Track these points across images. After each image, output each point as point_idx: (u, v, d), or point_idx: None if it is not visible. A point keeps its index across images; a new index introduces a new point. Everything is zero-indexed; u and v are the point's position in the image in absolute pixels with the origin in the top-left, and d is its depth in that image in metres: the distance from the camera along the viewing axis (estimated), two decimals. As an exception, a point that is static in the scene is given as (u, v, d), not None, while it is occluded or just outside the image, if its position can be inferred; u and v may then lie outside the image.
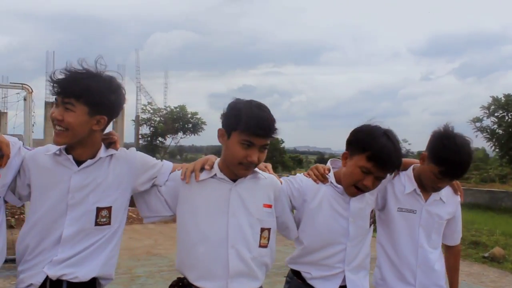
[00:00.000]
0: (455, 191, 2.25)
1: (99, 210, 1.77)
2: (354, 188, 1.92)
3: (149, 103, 40.62)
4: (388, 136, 1.87)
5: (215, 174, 1.82)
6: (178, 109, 40.86)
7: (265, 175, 1.90)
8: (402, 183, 2.16)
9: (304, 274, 2.01)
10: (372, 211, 2.07)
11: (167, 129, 39.01)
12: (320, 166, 2.09)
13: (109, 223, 1.79)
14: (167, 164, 1.95)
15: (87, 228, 1.75)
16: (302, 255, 2.02)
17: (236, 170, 1.79)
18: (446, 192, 2.20)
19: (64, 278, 1.72)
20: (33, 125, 6.07)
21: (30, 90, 5.75)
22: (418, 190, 2.13)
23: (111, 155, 1.81)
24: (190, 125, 40.21)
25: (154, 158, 1.95)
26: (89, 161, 1.77)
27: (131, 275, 5.50)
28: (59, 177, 1.76)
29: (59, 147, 1.76)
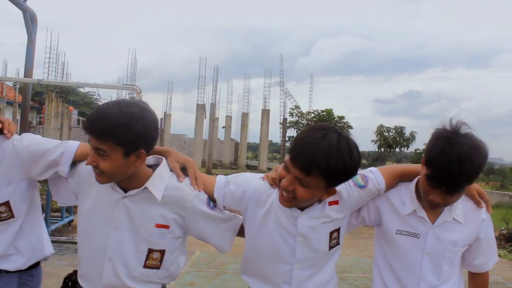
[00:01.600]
0: (478, 203, 1.71)
1: None
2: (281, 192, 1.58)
3: (296, 107, 39.63)
4: (324, 132, 1.48)
5: None
6: (324, 113, 43.10)
7: (170, 192, 1.63)
8: (402, 199, 1.72)
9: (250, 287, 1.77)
10: (336, 231, 1.69)
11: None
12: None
13: (12, 216, 1.76)
14: (69, 151, 1.72)
15: None
16: (247, 265, 1.78)
17: None
18: (465, 207, 1.70)
19: None
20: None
21: (139, 91, 6.37)
22: (421, 211, 1.68)
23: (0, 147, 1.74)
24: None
25: (51, 142, 1.76)
26: None
27: (220, 270, 5.53)
28: None
29: None
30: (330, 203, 1.68)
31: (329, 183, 1.54)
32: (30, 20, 6.69)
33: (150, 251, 1.66)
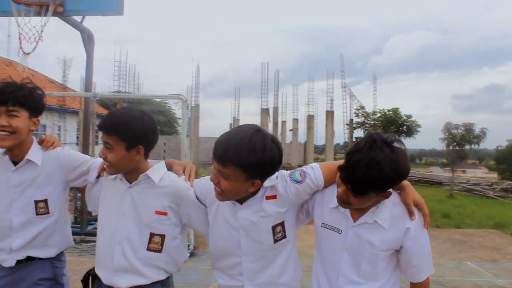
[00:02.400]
0: (409, 213, 1.68)
1: (36, 202, 2.09)
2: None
3: (362, 107, 38.18)
4: (241, 129, 1.64)
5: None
6: (391, 112, 41.80)
7: (167, 183, 1.91)
8: (333, 194, 1.73)
9: (216, 280, 1.93)
10: (280, 225, 1.77)
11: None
12: None
13: (48, 213, 2.11)
14: (97, 162, 2.08)
15: (31, 217, 2.09)
16: (212, 259, 1.94)
17: None
18: (393, 213, 1.69)
19: (32, 255, 2.11)
20: (188, 129, 7.51)
21: (184, 100, 6.70)
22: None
23: (47, 154, 2.12)
24: (405, 128, 38.20)
25: (86, 156, 2.17)
26: (21, 163, 2.08)
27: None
28: (2, 175, 2.09)
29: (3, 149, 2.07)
30: (268, 197, 1.77)
31: (249, 175, 1.64)
32: (87, 40, 7.37)
33: (152, 235, 1.92)
